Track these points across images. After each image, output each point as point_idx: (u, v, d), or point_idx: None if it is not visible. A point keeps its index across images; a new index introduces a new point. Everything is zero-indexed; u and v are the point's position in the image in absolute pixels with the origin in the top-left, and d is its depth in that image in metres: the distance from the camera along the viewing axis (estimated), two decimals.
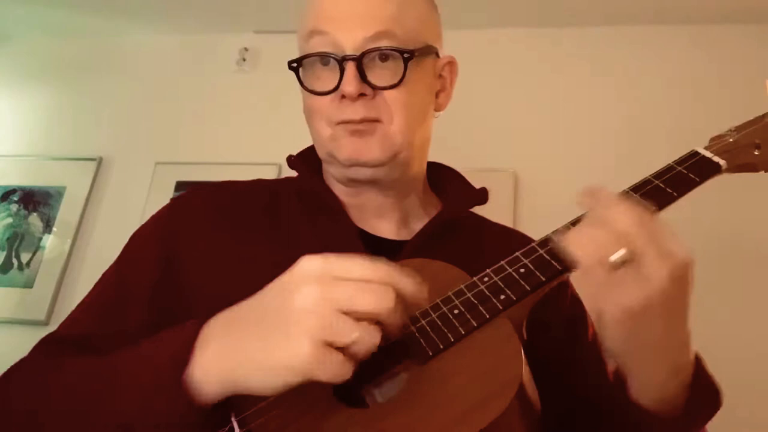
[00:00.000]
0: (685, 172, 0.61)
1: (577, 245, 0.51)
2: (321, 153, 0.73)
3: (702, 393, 0.58)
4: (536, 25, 1.92)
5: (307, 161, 0.78)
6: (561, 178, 1.76)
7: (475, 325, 0.54)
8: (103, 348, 0.63)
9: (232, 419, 0.49)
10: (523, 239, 0.82)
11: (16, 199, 2.00)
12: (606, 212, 0.52)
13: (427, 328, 0.54)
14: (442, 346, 0.53)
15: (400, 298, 0.48)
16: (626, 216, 0.50)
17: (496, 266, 0.57)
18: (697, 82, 1.81)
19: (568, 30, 1.93)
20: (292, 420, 0.49)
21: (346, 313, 0.45)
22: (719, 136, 0.66)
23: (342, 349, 0.45)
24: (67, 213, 1.95)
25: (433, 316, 0.55)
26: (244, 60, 2.08)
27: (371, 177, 0.71)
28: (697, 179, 0.60)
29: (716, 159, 0.62)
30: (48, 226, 1.94)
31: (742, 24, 1.82)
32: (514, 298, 0.55)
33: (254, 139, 1.97)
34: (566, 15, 1.90)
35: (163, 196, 1.90)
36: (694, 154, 0.63)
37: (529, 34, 1.91)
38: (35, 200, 1.98)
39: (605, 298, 0.50)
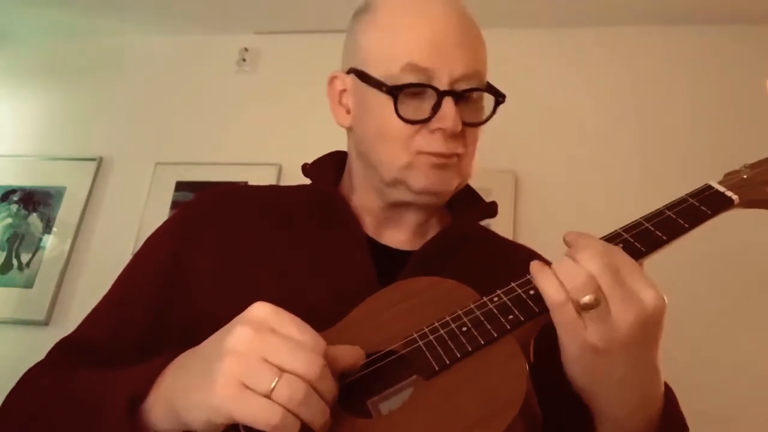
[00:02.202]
0: (698, 204, 0.62)
1: (548, 285, 0.53)
2: (386, 176, 0.71)
3: (668, 429, 0.59)
4: (536, 26, 1.92)
5: (321, 169, 0.79)
6: (561, 178, 1.76)
7: (482, 342, 0.54)
8: (109, 353, 0.65)
9: (240, 428, 0.49)
10: (529, 254, 0.83)
11: (16, 199, 2.00)
12: (578, 255, 0.53)
13: (435, 343, 0.55)
14: (448, 362, 0.53)
15: (333, 371, 0.49)
16: (596, 261, 0.52)
17: (506, 287, 0.58)
18: (697, 82, 1.81)
19: (569, 31, 1.93)
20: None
21: (273, 365, 0.46)
22: (733, 172, 0.67)
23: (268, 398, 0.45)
24: (67, 213, 1.94)
25: (442, 332, 0.56)
26: (244, 60, 2.08)
27: (434, 204, 0.74)
28: (709, 212, 0.61)
29: (729, 194, 0.62)
30: (48, 226, 1.94)
31: (742, 24, 1.82)
32: (522, 319, 0.55)
33: (254, 139, 1.97)
34: (566, 16, 1.90)
35: (163, 196, 1.90)
36: (707, 187, 0.64)
37: (529, 35, 1.91)
38: (35, 200, 1.98)
39: (569, 333, 0.52)
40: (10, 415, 0.62)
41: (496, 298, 0.57)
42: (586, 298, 0.51)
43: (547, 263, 0.81)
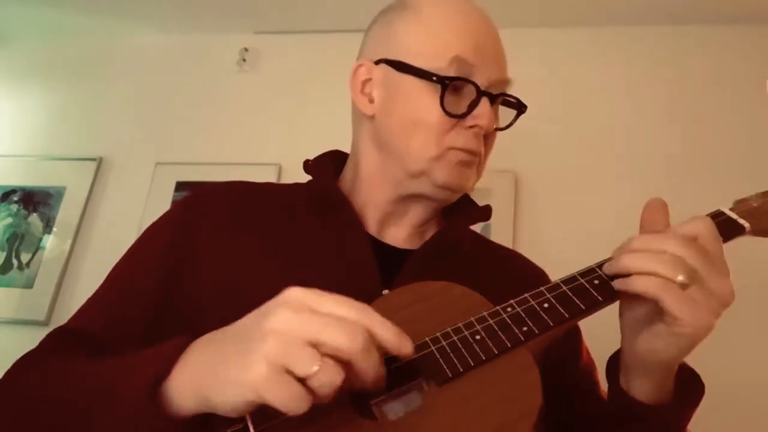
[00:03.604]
0: None
1: (639, 274, 0.55)
2: (411, 166, 0.72)
3: (687, 380, 0.63)
4: (536, 26, 1.92)
5: (323, 166, 0.80)
6: (561, 178, 1.76)
7: (496, 352, 0.54)
8: (108, 343, 0.64)
9: (247, 418, 0.49)
10: (524, 262, 0.85)
11: (16, 199, 2.00)
12: (659, 241, 0.56)
13: (448, 349, 0.55)
14: (461, 369, 0.53)
15: (377, 344, 0.48)
16: (677, 242, 0.55)
17: (519, 298, 0.59)
18: (698, 82, 1.81)
19: (569, 30, 1.93)
20: (303, 425, 0.49)
21: (314, 346, 0.45)
22: (743, 200, 0.67)
23: (303, 382, 0.45)
24: (67, 213, 1.94)
25: (455, 338, 0.55)
26: (244, 60, 2.08)
27: (447, 200, 0.75)
28: (722, 238, 0.61)
29: (741, 221, 0.63)
30: (48, 226, 1.94)
31: (742, 24, 1.82)
32: (537, 331, 0.55)
33: (254, 139, 1.97)
34: (567, 15, 1.90)
35: (163, 196, 1.90)
36: (719, 213, 0.64)
37: (529, 35, 1.91)
38: (35, 200, 1.98)
39: (690, 319, 0.53)
40: (8, 402, 0.60)
41: (509, 309, 0.57)
42: (680, 278, 0.53)
43: (539, 270, 0.83)
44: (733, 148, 1.71)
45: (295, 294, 0.49)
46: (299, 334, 0.46)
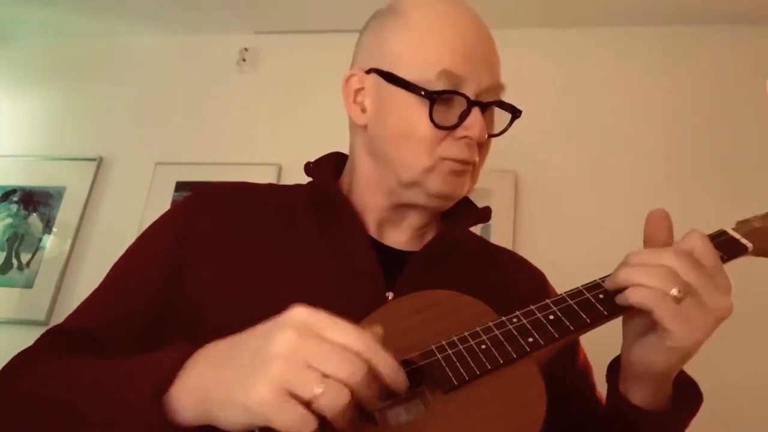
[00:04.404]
0: (713, 248, 0.62)
1: (635, 286, 0.56)
2: (404, 177, 0.71)
3: (684, 388, 0.63)
4: (536, 26, 1.92)
5: (324, 168, 0.79)
6: (561, 178, 1.76)
7: (501, 362, 0.54)
8: (106, 342, 0.64)
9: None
10: (520, 262, 0.86)
11: (16, 199, 2.00)
12: (655, 255, 0.56)
13: (453, 358, 0.55)
14: (467, 377, 0.53)
15: (376, 375, 0.48)
16: (672, 256, 0.56)
17: (525, 309, 0.59)
18: (697, 83, 1.81)
19: (569, 31, 1.93)
20: None
21: (316, 370, 0.46)
22: (746, 221, 0.67)
23: (307, 404, 0.45)
24: (67, 213, 1.95)
25: (461, 347, 0.56)
26: (244, 60, 2.08)
27: (442, 208, 0.75)
28: (725, 257, 0.61)
29: (744, 241, 0.64)
30: (48, 226, 1.94)
31: (742, 24, 1.82)
32: (542, 343, 0.56)
33: (254, 139, 1.97)
34: (567, 15, 1.90)
35: (163, 196, 1.90)
36: (722, 233, 0.65)
37: (529, 35, 1.91)
38: (35, 200, 1.98)
39: (681, 333, 0.54)
40: (3, 400, 0.59)
41: (515, 320, 0.58)
42: (675, 290, 0.54)
43: (538, 272, 0.83)
44: (732, 148, 1.72)
45: (300, 316, 0.49)
46: (303, 358, 0.46)
